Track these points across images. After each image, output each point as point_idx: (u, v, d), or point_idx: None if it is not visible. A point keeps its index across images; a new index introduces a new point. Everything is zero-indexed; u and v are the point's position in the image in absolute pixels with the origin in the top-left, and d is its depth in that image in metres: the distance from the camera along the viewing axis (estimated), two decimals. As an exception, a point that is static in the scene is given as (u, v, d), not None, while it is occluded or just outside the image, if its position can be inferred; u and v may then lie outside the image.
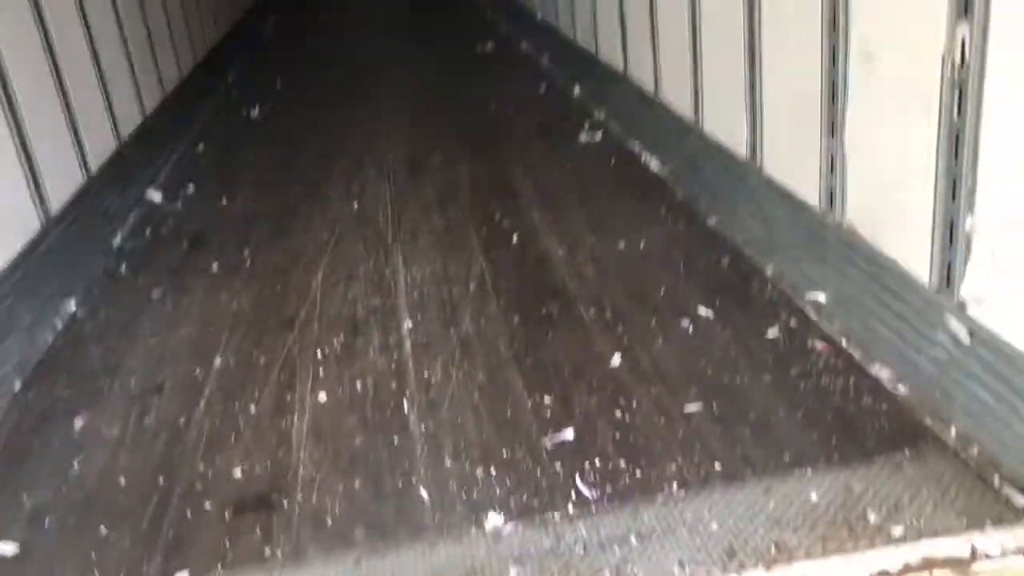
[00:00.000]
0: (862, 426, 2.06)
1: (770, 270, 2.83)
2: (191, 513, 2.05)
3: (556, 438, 2.15)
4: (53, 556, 1.98)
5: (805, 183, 2.60)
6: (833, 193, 2.46)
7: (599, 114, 4.72)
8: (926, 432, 2.02)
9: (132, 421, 2.46)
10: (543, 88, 5.56)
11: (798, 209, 2.66)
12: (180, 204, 4.22)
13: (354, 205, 3.96)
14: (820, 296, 2.55)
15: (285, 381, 2.57)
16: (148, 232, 3.89)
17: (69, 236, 3.32)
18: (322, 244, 3.54)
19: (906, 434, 2.02)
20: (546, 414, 2.26)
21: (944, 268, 1.99)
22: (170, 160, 4.85)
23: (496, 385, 2.42)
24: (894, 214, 2.19)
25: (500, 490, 2.00)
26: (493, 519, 1.90)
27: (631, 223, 3.35)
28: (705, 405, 2.21)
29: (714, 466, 1.99)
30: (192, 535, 1.98)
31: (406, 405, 2.38)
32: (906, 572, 1.66)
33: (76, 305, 3.20)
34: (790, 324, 2.53)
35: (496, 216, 3.60)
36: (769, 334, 2.50)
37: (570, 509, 1.91)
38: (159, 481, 2.18)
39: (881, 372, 2.24)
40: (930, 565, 1.66)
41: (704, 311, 2.65)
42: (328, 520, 1.98)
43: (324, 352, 2.70)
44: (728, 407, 2.19)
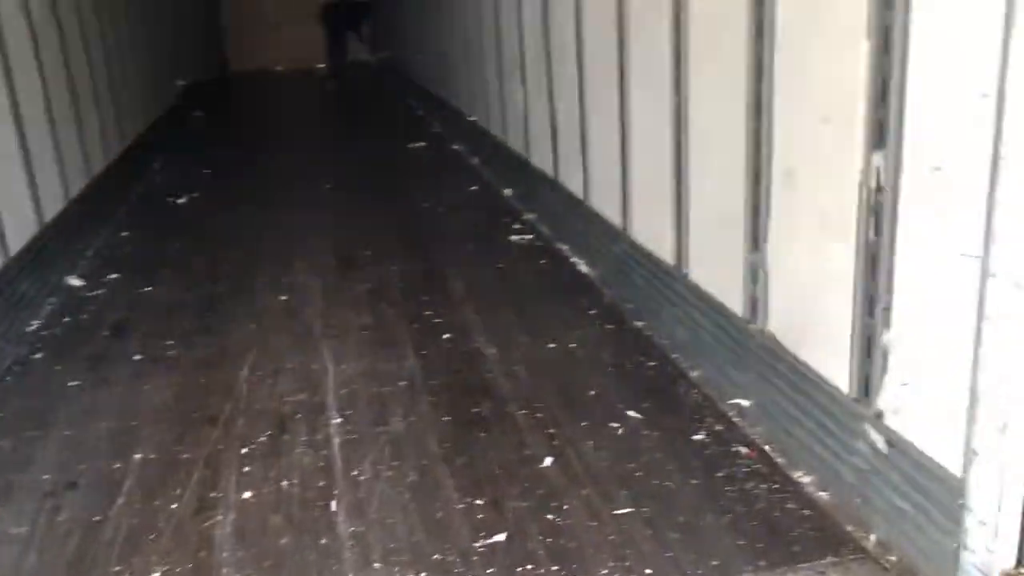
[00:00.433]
0: (787, 532, 2.11)
1: (696, 374, 2.91)
2: (104, 618, 1.96)
3: (487, 541, 2.14)
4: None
5: (729, 291, 2.71)
6: (756, 302, 2.56)
7: (530, 216, 4.84)
8: (848, 539, 2.08)
9: (43, 518, 2.35)
10: (475, 188, 5.68)
11: (722, 316, 2.76)
12: (102, 291, 4.12)
13: (282, 297, 3.93)
14: (744, 402, 2.63)
15: (208, 478, 2.50)
16: (67, 319, 3.78)
17: (-17, 321, 3.21)
18: (249, 337, 3.49)
19: (829, 541, 2.07)
20: (477, 516, 2.24)
21: (863, 379, 2.09)
22: (93, 245, 4.76)
23: (427, 485, 2.40)
24: (815, 326, 2.29)
25: (431, 595, 1.97)
26: (423, 625, 1.87)
27: (561, 324, 3.42)
28: (635, 508, 2.23)
29: (645, 571, 2.01)
30: (105, 642, 1.89)
31: (334, 505, 2.34)
32: None
33: (-14, 394, 3.08)
34: (716, 428, 2.60)
35: (427, 313, 3.63)
36: (696, 438, 2.55)
37: (502, 615, 1.89)
38: (71, 583, 2.08)
39: (804, 478, 2.31)
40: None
41: (633, 414, 2.70)
42: (251, 626, 1.91)
43: (249, 448, 2.65)
44: (658, 511, 2.22)
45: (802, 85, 2.24)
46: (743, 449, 2.47)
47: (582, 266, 4.04)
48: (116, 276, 4.31)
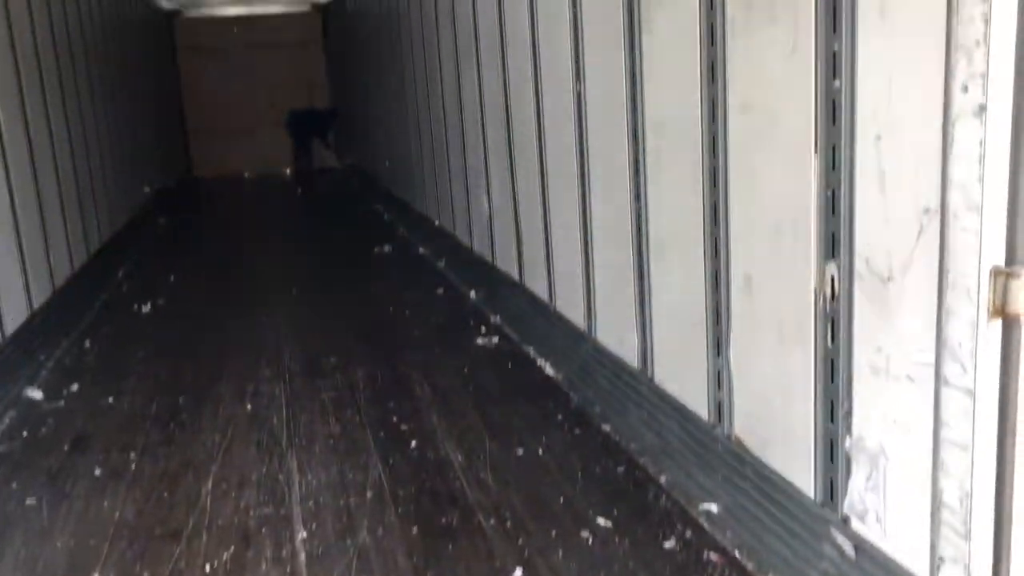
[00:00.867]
0: (760, 642, 2.09)
1: (664, 479, 2.91)
2: None
3: (458, 659, 2.10)
4: None
5: (694, 395, 2.74)
6: (721, 406, 2.60)
7: (495, 319, 4.88)
8: (821, 647, 2.06)
9: (-5, 647, 2.27)
10: (440, 291, 5.73)
11: (688, 420, 2.78)
12: (62, 403, 4.06)
13: (247, 407, 3.89)
14: (712, 507, 2.63)
15: (170, 598, 2.44)
16: (26, 433, 3.71)
17: (-61, 438, 3.14)
18: (213, 448, 3.44)
19: (802, 649, 2.06)
20: (447, 633, 2.20)
21: (827, 483, 2.11)
22: (54, 356, 4.70)
23: (395, 601, 2.35)
24: (779, 430, 2.32)
25: None
26: None
27: (528, 428, 3.42)
28: (607, 621, 2.21)
29: None
30: None
31: (300, 624, 2.28)
32: None
33: (-61, 513, 2.99)
34: (685, 535, 2.59)
35: (394, 420, 3.61)
36: (666, 545, 2.54)
37: None
38: None
39: (775, 585, 2.30)
40: None
41: (603, 521, 2.69)
42: None
43: (213, 566, 2.59)
44: (630, 623, 2.20)
45: (755, 196, 2.33)
46: (713, 555, 2.46)
47: (548, 369, 4.06)
48: (77, 387, 4.24)
